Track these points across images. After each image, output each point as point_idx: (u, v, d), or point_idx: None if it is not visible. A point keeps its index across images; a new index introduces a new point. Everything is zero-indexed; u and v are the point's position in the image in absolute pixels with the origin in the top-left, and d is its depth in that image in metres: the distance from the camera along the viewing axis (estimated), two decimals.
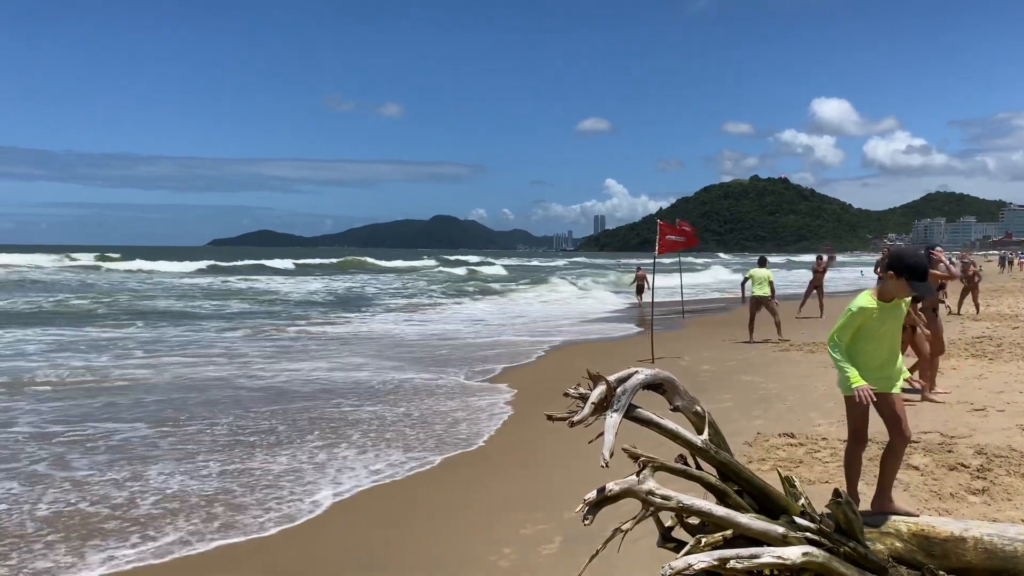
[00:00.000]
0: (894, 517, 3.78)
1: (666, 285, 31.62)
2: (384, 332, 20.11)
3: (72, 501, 6.38)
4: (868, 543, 3.46)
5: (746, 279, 17.86)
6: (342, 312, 26.89)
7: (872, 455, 5.93)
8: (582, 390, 3.40)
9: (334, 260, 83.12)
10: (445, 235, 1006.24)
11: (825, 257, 23.97)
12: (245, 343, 17.30)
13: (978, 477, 6.08)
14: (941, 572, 3.49)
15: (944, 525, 3.63)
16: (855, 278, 50.72)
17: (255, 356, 14.96)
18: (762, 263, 17.73)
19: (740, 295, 19.08)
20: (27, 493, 6.59)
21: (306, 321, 23.12)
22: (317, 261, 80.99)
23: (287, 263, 72.41)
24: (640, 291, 30.95)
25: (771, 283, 17.19)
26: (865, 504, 4.70)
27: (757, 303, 17.05)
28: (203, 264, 63.77)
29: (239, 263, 70.09)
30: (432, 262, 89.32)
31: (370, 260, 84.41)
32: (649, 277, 31.59)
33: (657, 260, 16.57)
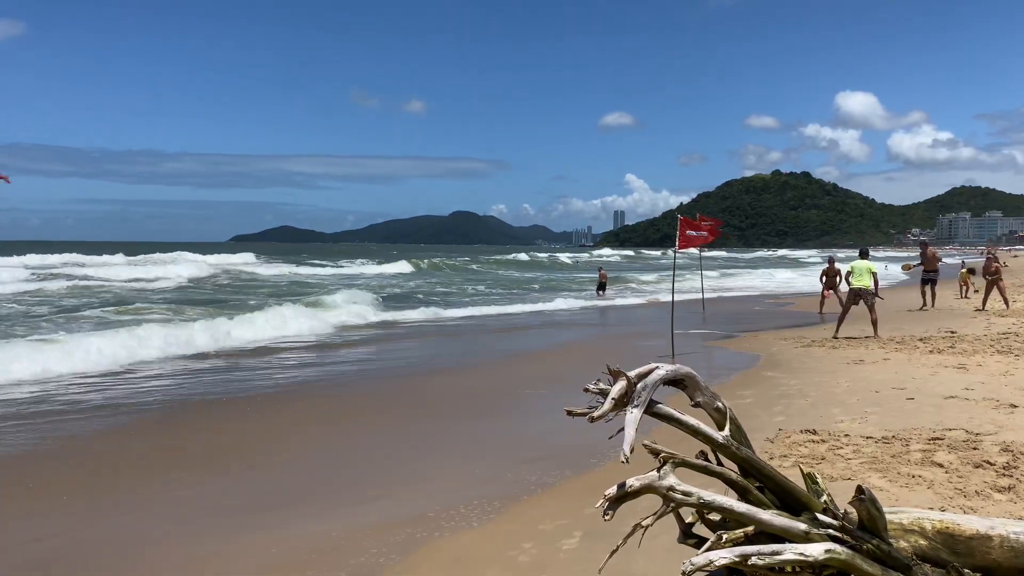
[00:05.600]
0: (918, 514, 3.74)
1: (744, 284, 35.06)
2: None
3: None
4: (892, 540, 3.42)
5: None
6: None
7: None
8: (602, 386, 3.38)
9: (508, 257, 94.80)
10: (464, 231, 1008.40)
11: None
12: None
13: (1004, 475, 6.01)
14: (966, 570, 3.44)
15: (969, 523, 3.58)
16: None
17: None
18: (863, 255, 17.15)
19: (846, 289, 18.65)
20: None
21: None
22: (495, 257, 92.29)
23: (477, 258, 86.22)
24: (602, 288, 32.74)
25: (874, 275, 16.36)
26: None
27: (856, 296, 16.33)
28: (396, 268, 61.49)
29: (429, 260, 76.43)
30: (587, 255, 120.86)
31: (523, 257, 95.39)
32: (609, 276, 34.45)
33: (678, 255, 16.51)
